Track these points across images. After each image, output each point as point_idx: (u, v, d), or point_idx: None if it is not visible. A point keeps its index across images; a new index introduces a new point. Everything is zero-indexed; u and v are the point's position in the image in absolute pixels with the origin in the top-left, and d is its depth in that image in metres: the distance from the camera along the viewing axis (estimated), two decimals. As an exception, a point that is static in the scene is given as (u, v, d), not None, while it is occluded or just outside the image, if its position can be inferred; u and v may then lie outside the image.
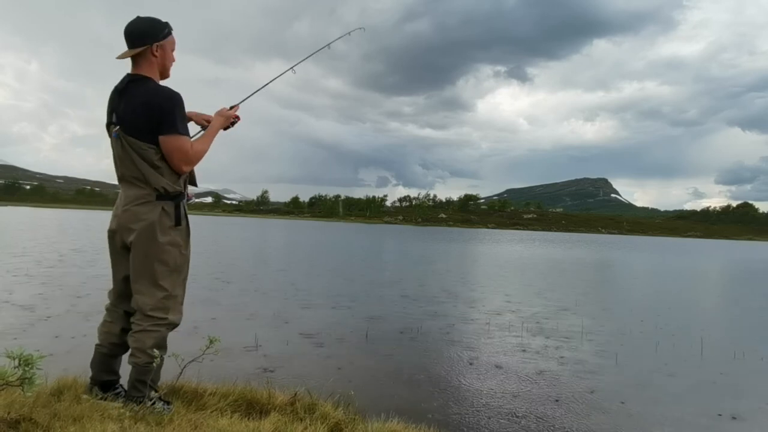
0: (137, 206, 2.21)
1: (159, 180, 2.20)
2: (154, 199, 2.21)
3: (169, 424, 2.05)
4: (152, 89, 2.22)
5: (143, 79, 2.23)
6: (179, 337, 4.63)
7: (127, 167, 2.22)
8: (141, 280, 2.22)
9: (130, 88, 2.21)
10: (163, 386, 2.45)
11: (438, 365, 4.47)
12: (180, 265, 2.29)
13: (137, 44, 2.22)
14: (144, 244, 2.19)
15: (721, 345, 5.82)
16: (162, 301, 2.22)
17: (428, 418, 2.95)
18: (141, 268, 2.21)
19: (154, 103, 2.17)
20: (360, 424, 2.41)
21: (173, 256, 2.25)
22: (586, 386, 4.02)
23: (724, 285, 14.66)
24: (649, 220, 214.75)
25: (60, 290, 7.27)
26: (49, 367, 2.19)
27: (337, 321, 6.20)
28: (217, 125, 2.44)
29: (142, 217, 2.19)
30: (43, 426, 1.91)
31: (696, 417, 3.51)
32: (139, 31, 2.22)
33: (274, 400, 2.55)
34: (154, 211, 2.20)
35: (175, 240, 2.26)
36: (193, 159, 2.27)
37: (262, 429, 2.11)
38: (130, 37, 2.23)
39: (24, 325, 5.08)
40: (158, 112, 2.17)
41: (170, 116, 2.18)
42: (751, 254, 38.11)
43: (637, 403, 3.69)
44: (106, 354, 2.34)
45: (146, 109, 2.16)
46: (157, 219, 2.20)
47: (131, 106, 2.18)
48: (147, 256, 2.20)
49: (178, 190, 2.28)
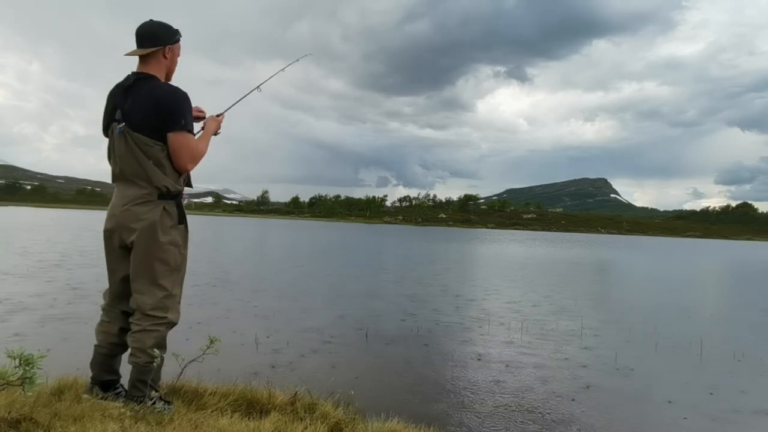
0: (137, 206, 2.20)
1: (162, 178, 2.20)
2: (156, 198, 2.21)
3: (169, 424, 2.05)
4: (162, 86, 2.25)
5: (151, 77, 2.24)
6: (180, 337, 4.64)
7: (129, 165, 2.21)
8: (141, 279, 2.22)
9: (138, 86, 2.22)
10: (164, 386, 2.45)
11: (438, 364, 4.48)
12: (179, 265, 2.30)
13: (151, 44, 2.24)
14: (145, 243, 2.19)
15: (720, 345, 5.82)
16: (162, 301, 2.22)
17: (428, 418, 2.95)
18: (141, 267, 2.22)
19: (164, 99, 2.19)
20: (360, 424, 2.41)
21: (173, 255, 2.26)
22: (584, 385, 4.03)
23: (723, 285, 14.67)
24: (648, 220, 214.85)
25: (61, 290, 7.28)
26: (50, 366, 2.19)
27: (337, 320, 6.21)
28: (212, 128, 2.47)
29: (143, 216, 2.19)
30: (44, 425, 1.91)
31: (694, 417, 3.52)
32: (154, 32, 2.25)
33: (274, 399, 2.55)
34: (155, 211, 2.20)
35: (175, 239, 2.27)
36: (198, 157, 2.30)
37: (263, 428, 2.11)
38: (145, 37, 2.25)
39: (25, 324, 5.09)
40: (168, 108, 2.18)
41: (180, 113, 2.20)
42: (749, 255, 38.14)
43: (635, 402, 3.70)
44: (106, 354, 2.34)
45: (156, 105, 2.17)
46: (158, 219, 2.20)
47: (139, 103, 2.19)
48: (148, 255, 2.20)
49: (179, 189, 2.28)
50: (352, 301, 7.79)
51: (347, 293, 8.55)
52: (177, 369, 2.43)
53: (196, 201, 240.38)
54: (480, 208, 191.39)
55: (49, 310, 5.85)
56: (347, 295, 8.29)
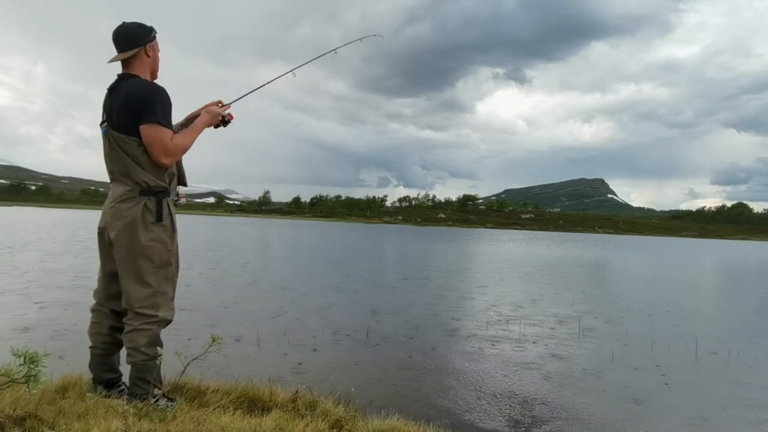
0: (121, 203, 2.22)
1: (140, 174, 2.21)
2: (137, 194, 2.22)
3: (172, 421, 2.07)
4: (137, 82, 2.26)
5: (132, 76, 2.28)
6: (182, 335, 4.66)
7: (114, 163, 2.25)
8: (127, 277, 2.23)
9: (119, 86, 2.26)
10: (167, 384, 2.47)
11: (438, 363, 4.51)
12: (165, 262, 2.29)
13: (131, 46, 2.27)
14: (126, 240, 2.20)
15: (715, 343, 5.87)
16: (149, 298, 2.23)
17: (428, 415, 2.98)
18: (125, 265, 2.23)
19: (134, 93, 2.21)
20: (360, 421, 2.43)
21: (158, 252, 2.25)
22: (582, 384, 4.06)
23: (718, 284, 14.75)
24: (644, 220, 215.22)
25: (66, 288, 7.28)
26: (54, 364, 2.21)
27: (337, 319, 6.24)
28: (202, 121, 2.40)
29: (125, 213, 2.21)
30: (48, 423, 1.93)
31: (691, 414, 3.55)
32: (132, 34, 2.28)
33: (275, 397, 2.57)
34: (136, 207, 2.21)
35: (159, 236, 2.26)
36: (171, 151, 2.23)
37: (264, 426, 2.13)
38: (123, 40, 2.27)
39: (30, 322, 5.09)
40: (138, 101, 2.19)
41: (149, 105, 2.19)
42: (744, 254, 38.30)
43: (634, 402, 3.73)
44: (102, 354, 2.35)
45: (128, 100, 2.20)
46: (139, 215, 2.21)
47: (118, 101, 2.23)
48: (130, 252, 2.21)
49: (161, 185, 2.26)
50: (353, 299, 7.81)
51: (348, 291, 8.57)
52: (180, 367, 2.45)
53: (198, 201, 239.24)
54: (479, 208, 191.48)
55: (55, 308, 5.85)
56: (348, 294, 8.31)
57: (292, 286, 9.07)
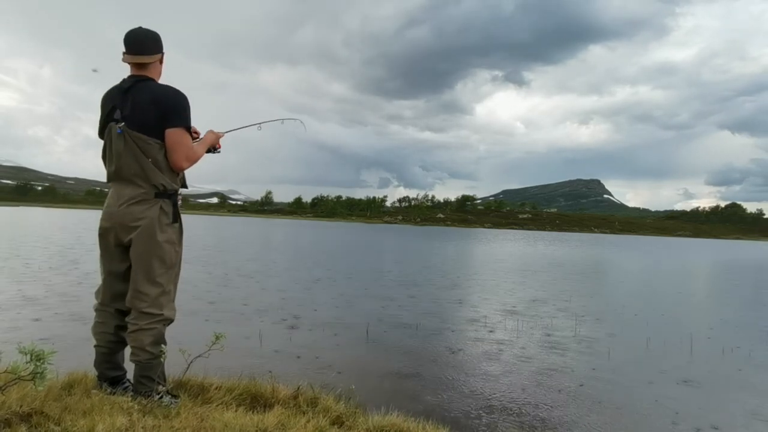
0: (135, 205, 2.23)
1: (158, 177, 2.25)
2: (152, 196, 2.25)
3: (176, 417, 2.10)
4: (163, 86, 2.31)
5: (150, 79, 2.31)
6: (186, 333, 4.68)
7: (127, 164, 2.25)
8: (138, 277, 2.25)
9: (138, 87, 2.27)
10: (171, 381, 2.50)
11: (437, 360, 4.54)
12: (175, 262, 2.34)
13: (154, 50, 2.30)
14: (144, 242, 2.23)
15: (709, 341, 5.93)
16: (157, 298, 2.26)
17: (427, 412, 3.01)
18: (139, 265, 2.25)
19: (165, 96, 2.25)
20: (361, 417, 2.46)
21: (170, 253, 2.30)
22: (582, 383, 4.10)
23: (712, 281, 14.86)
24: (640, 220, 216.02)
25: (72, 286, 7.30)
26: (60, 362, 2.23)
27: (338, 317, 6.27)
28: (209, 138, 2.50)
29: (141, 215, 2.23)
30: (54, 419, 1.96)
31: (688, 413, 3.60)
32: (157, 39, 2.32)
33: (277, 394, 2.60)
34: (152, 209, 2.24)
35: (171, 237, 2.31)
36: (193, 157, 2.33)
37: (266, 422, 2.16)
38: (150, 43, 2.29)
39: (36, 320, 5.11)
40: (169, 105, 2.24)
41: (180, 108, 2.26)
42: (737, 253, 38.54)
43: (631, 401, 3.78)
44: (107, 353, 2.37)
45: (157, 102, 2.23)
46: (156, 217, 2.24)
47: (140, 103, 2.23)
48: (147, 253, 2.24)
49: (175, 188, 2.32)
50: (353, 298, 7.83)
51: (348, 290, 8.59)
52: (183, 364, 2.48)
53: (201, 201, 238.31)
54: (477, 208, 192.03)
55: (61, 305, 5.86)
56: (348, 293, 8.33)
57: (293, 284, 9.10)
